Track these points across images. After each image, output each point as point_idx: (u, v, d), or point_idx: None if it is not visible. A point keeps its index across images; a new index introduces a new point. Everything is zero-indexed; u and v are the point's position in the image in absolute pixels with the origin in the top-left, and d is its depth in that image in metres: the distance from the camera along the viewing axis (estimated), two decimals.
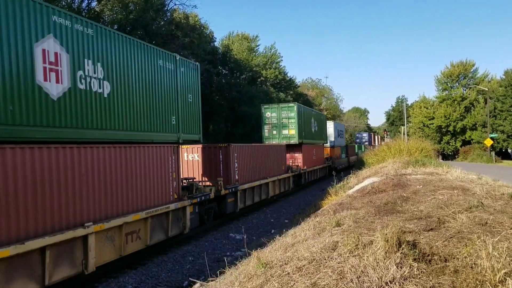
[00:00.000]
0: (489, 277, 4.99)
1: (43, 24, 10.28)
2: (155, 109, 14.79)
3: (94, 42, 11.96)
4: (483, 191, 11.36)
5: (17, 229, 9.19)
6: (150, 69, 14.58)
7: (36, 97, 10.00)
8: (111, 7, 37.01)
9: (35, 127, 9.95)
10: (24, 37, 9.72)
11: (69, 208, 10.59)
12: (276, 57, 68.12)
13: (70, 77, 11.02)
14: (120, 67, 13.00)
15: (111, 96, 12.55)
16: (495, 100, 66.37)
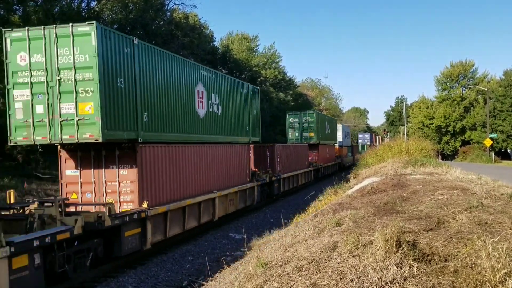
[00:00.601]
0: (489, 277, 4.99)
1: (197, 76, 18.05)
2: (239, 120, 22.54)
3: (214, 82, 19.76)
4: (482, 191, 11.35)
5: (189, 192, 16.63)
6: (237, 95, 22.49)
7: (194, 117, 17.67)
8: (111, 6, 37.01)
9: (193, 134, 17.58)
10: (191, 84, 17.45)
11: (206, 182, 18.25)
12: (275, 57, 68.15)
13: (206, 105, 18.76)
14: (225, 96, 20.83)
15: (221, 115, 20.32)
16: (495, 100, 66.41)
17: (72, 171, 13.85)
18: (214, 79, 19.60)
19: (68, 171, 13.89)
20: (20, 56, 12.17)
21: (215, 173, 19.08)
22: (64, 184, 13.81)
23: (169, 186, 15.33)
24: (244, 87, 23.82)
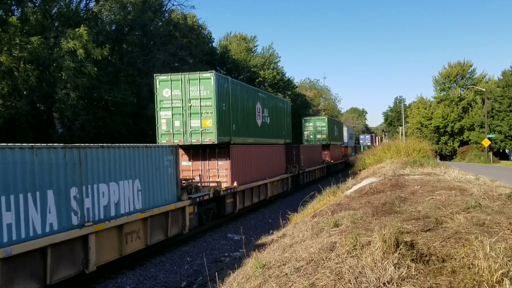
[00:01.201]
0: (486, 278, 5.00)
1: (257, 97, 25.72)
2: (279, 127, 30.18)
3: (265, 100, 27.39)
4: (480, 191, 11.37)
5: (253, 178, 23.75)
6: (278, 108, 30.11)
7: (256, 126, 25.11)
8: (109, 7, 36.98)
9: (253, 138, 24.44)
10: (254, 103, 24.99)
11: (262, 172, 25.16)
12: (274, 57, 68.10)
13: (261, 117, 26.06)
14: (271, 109, 28.10)
15: (269, 124, 27.53)
16: (493, 100, 66.53)
17: (186, 162, 20.86)
18: (265, 98, 27.63)
19: (183, 162, 20.57)
20: (165, 90, 19.89)
21: (266, 166, 26.31)
22: (181, 171, 18.37)
23: (244, 173, 22.65)
24: (281, 101, 32.48)
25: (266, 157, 26.61)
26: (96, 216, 11.50)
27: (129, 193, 12.88)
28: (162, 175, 14.75)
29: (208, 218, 19.16)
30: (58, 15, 32.19)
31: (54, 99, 30.00)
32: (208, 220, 19.14)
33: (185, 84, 19.54)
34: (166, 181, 14.97)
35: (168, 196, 15.09)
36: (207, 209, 18.88)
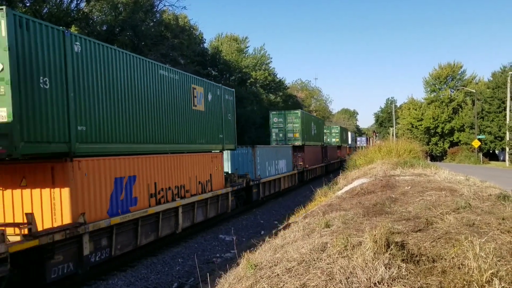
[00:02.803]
0: (476, 278, 5.04)
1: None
2: (320, 133, 47.19)
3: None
4: (470, 192, 11.45)
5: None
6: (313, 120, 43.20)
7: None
8: (100, 8, 36.84)
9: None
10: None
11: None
12: (265, 58, 68.13)
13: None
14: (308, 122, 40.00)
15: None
16: (483, 101, 66.96)
17: None
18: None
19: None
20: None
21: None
22: None
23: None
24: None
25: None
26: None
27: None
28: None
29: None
30: (49, 15, 32.01)
31: None
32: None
33: None
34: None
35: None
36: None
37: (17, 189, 11.01)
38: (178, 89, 16.54)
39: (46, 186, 10.90)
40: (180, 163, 16.37)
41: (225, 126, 21.02)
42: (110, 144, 12.43)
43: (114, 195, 12.44)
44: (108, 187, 12.18)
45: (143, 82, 14.22)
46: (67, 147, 10.72)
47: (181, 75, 16.85)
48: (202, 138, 18.48)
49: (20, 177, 10.99)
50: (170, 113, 15.88)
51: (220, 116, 20.54)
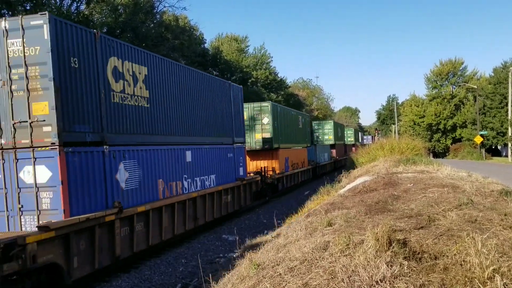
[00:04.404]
0: (478, 274, 5.04)
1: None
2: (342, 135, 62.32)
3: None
4: (473, 188, 11.42)
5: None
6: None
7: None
8: (100, 10, 36.87)
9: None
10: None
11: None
12: (266, 57, 68.16)
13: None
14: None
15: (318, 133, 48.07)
16: (485, 97, 66.89)
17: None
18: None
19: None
20: None
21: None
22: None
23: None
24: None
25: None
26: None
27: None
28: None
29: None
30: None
31: None
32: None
33: None
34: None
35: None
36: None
37: None
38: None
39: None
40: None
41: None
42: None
43: None
44: None
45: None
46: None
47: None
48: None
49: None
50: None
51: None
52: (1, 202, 10.63)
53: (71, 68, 10.96)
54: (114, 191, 12.25)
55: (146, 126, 14.12)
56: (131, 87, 13.39)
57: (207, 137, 18.75)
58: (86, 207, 11.11)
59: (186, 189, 16.52)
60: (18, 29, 10.41)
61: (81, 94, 11.33)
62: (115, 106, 12.64)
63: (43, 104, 10.43)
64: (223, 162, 20.26)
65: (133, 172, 13.27)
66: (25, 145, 10.53)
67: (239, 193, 22.16)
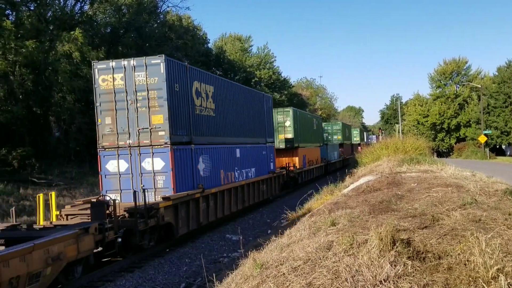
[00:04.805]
0: (482, 274, 5.04)
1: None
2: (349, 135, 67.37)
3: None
4: (477, 188, 11.40)
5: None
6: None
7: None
8: (104, 10, 36.94)
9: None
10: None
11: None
12: (269, 57, 68.15)
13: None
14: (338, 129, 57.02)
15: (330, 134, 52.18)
16: (489, 96, 66.68)
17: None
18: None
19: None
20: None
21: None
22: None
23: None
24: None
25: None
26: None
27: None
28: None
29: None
30: (53, 18, 32.15)
31: (50, 102, 29.99)
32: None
33: None
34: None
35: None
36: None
37: None
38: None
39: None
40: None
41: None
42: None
43: None
44: None
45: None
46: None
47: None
48: None
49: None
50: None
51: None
52: (129, 182, 15.41)
53: (175, 92, 15.67)
54: (197, 177, 17.04)
55: (212, 130, 18.93)
56: (205, 102, 18.20)
57: (248, 137, 23.37)
58: (183, 187, 15.89)
59: (237, 178, 21.28)
60: (142, 66, 15.21)
61: (180, 109, 16.04)
62: (196, 116, 17.35)
63: (159, 116, 15.18)
64: (260, 158, 24.95)
65: (207, 164, 18.00)
66: (146, 144, 15.30)
67: (271, 184, 26.79)
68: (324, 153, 44.89)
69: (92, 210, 12.78)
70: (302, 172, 34.99)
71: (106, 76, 15.53)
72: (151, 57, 15.49)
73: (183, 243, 16.44)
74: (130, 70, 15.34)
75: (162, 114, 15.08)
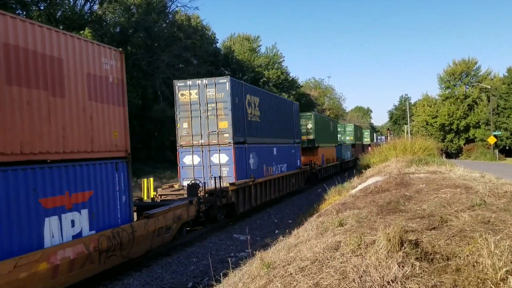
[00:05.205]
0: (491, 275, 5.00)
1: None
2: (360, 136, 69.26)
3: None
4: (486, 189, 11.32)
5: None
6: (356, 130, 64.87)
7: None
8: (113, 10, 37.11)
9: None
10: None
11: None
12: (278, 57, 68.14)
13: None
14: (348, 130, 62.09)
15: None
16: (498, 97, 66.25)
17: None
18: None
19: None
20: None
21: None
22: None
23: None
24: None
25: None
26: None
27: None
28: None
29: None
30: (62, 18, 32.37)
31: None
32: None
33: None
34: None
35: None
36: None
37: None
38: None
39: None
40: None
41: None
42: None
43: None
44: None
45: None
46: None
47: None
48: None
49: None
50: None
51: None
52: (200, 172, 20.36)
53: (236, 103, 20.49)
54: (249, 169, 22.08)
55: (258, 132, 23.73)
56: (253, 110, 22.98)
57: (282, 138, 27.98)
58: (241, 176, 20.90)
59: (274, 172, 25.99)
60: (212, 84, 20.16)
61: (239, 117, 20.88)
62: (248, 122, 22.28)
63: (225, 122, 20.08)
64: (290, 156, 29.50)
65: (255, 159, 22.89)
66: (214, 143, 20.29)
67: (298, 178, 31.26)
68: (339, 152, 49.14)
69: (189, 190, 17.51)
70: (322, 169, 39.60)
71: (184, 92, 20.35)
72: (219, 78, 20.35)
73: (191, 243, 16.48)
74: (203, 87, 20.18)
75: (227, 120, 19.95)
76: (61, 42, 10.05)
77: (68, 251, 9.69)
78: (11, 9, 27.90)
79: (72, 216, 10.11)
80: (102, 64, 11.44)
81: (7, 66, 8.60)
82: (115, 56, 11.94)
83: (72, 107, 10.29)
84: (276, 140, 26.68)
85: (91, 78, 10.96)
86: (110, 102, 11.64)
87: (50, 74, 9.64)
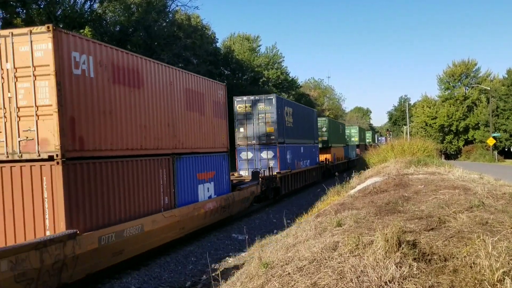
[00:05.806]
0: (488, 276, 5.02)
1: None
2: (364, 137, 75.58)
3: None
4: (484, 190, 11.33)
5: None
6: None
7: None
8: (113, 9, 37.10)
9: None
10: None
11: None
12: (277, 57, 68.09)
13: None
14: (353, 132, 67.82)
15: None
16: (498, 99, 66.25)
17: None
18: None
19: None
20: None
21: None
22: None
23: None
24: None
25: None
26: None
27: None
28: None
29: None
30: (62, 16, 32.34)
31: None
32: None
33: None
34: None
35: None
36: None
37: None
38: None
39: None
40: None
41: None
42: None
43: None
44: None
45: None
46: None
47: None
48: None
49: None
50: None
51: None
52: (253, 164, 26.22)
53: (279, 114, 26.61)
54: (287, 163, 28.09)
55: (292, 135, 29.44)
56: (289, 118, 29.09)
57: (305, 139, 33.99)
58: (282, 168, 27.05)
59: (302, 166, 32.25)
60: (262, 99, 26.40)
61: (280, 123, 26.93)
62: (286, 127, 28.25)
63: (272, 128, 26.19)
64: (311, 154, 35.87)
65: (290, 156, 29.02)
66: (264, 143, 26.31)
67: (317, 171, 38.23)
68: (347, 152, 55.06)
69: (253, 175, 23.73)
70: (334, 166, 44.94)
71: (241, 105, 26.57)
72: (268, 95, 27.42)
73: (189, 242, 16.49)
74: (255, 102, 26.41)
75: (273, 127, 26.24)
76: (204, 83, 17.28)
77: (209, 205, 16.82)
78: (11, 7, 27.89)
79: (208, 185, 17.24)
80: (218, 94, 18.61)
81: (187, 100, 15.69)
82: (222, 88, 19.18)
83: (208, 121, 17.40)
84: (302, 141, 33.00)
85: (214, 103, 18.11)
86: (221, 117, 18.78)
87: (200, 102, 16.76)
